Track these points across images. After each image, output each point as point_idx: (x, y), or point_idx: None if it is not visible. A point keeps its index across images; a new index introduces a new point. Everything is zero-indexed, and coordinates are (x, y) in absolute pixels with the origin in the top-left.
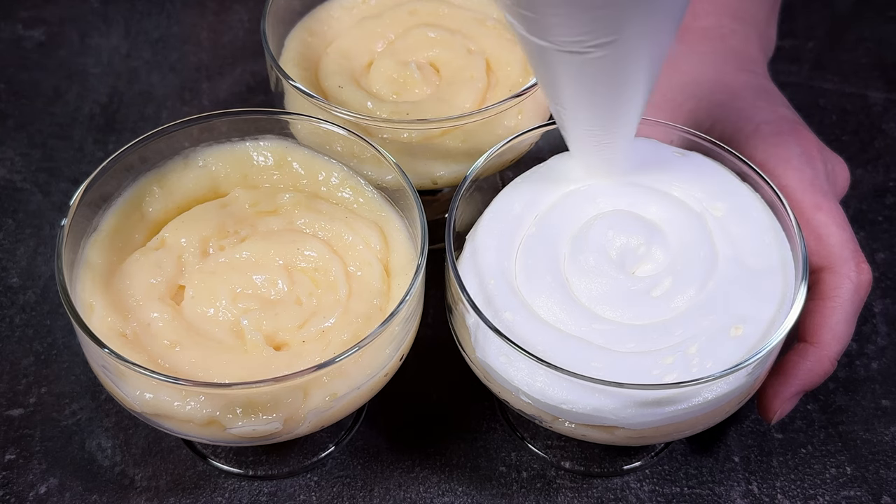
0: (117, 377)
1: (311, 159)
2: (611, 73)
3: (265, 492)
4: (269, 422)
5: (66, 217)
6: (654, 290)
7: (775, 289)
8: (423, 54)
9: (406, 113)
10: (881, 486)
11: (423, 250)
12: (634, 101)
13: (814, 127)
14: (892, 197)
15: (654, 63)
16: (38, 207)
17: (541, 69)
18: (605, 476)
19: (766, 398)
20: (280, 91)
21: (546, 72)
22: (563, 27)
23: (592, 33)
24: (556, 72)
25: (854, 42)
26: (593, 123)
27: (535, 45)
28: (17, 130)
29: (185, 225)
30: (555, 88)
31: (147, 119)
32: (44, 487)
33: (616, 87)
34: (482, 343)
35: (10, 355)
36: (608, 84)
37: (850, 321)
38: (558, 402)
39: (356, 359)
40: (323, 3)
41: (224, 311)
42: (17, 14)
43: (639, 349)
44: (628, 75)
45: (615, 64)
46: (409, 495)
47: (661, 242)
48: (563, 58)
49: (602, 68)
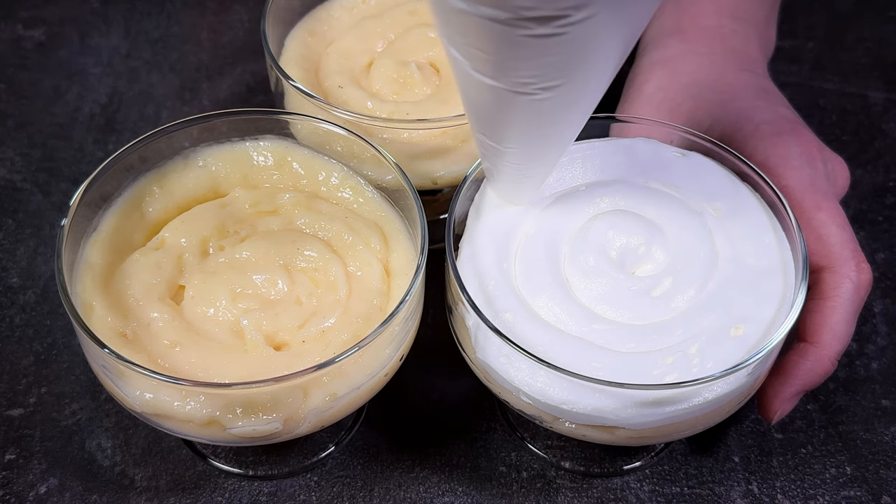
0: (117, 377)
1: (311, 159)
2: (552, 113)
3: (265, 492)
4: (269, 422)
5: (66, 217)
6: (654, 290)
7: (775, 289)
8: (423, 54)
9: (406, 113)
10: (881, 486)
11: (423, 250)
12: (567, 138)
13: (814, 127)
14: (892, 197)
15: (594, 103)
16: (38, 207)
17: (477, 104)
18: (605, 476)
19: (766, 398)
20: (280, 91)
21: (482, 107)
22: (516, 69)
23: (543, 76)
24: (495, 108)
25: (854, 42)
26: (521, 157)
27: (479, 82)
28: (17, 130)
29: (185, 225)
30: (488, 122)
31: (147, 119)
32: (44, 487)
33: (553, 126)
34: (482, 343)
35: (10, 355)
36: (547, 123)
37: (851, 321)
38: (558, 402)
39: (356, 359)
40: (323, 3)
41: (224, 311)
42: (17, 14)
43: (639, 349)
44: (569, 115)
45: (558, 105)
46: (409, 495)
47: (661, 242)
48: (506, 97)
49: (545, 109)
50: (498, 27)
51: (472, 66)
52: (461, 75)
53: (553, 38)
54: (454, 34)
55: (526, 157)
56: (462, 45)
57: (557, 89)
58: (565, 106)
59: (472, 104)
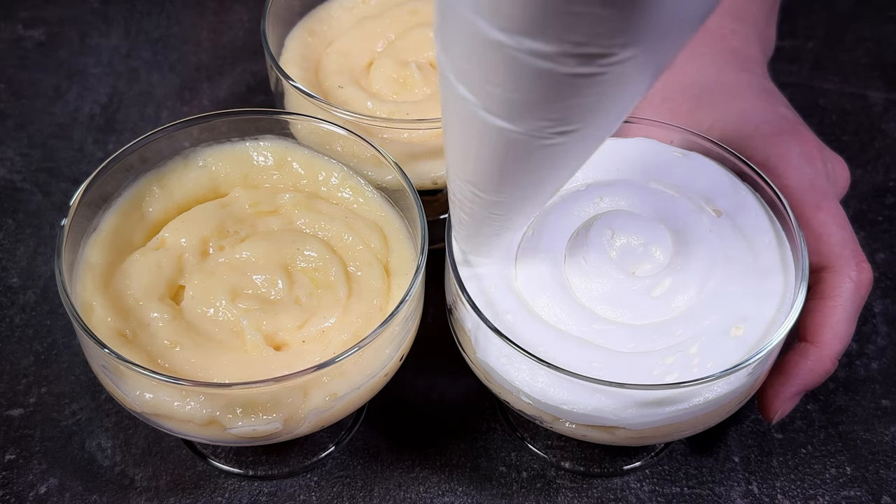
0: (117, 377)
1: (311, 159)
2: (559, 159)
3: (265, 492)
4: (269, 422)
5: (66, 217)
6: (654, 290)
7: (775, 289)
8: (423, 54)
9: (406, 113)
10: (881, 486)
11: (423, 250)
12: (561, 185)
13: (814, 127)
14: (892, 197)
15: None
16: (38, 207)
17: (472, 148)
18: (605, 476)
19: (766, 398)
20: (280, 91)
21: (479, 152)
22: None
23: (564, 119)
24: (497, 154)
25: (854, 42)
26: (508, 208)
27: (485, 124)
28: (17, 130)
29: (185, 225)
30: (481, 169)
31: (147, 119)
32: (44, 487)
33: (556, 172)
34: (483, 344)
35: (10, 355)
36: (550, 169)
37: (851, 320)
38: (559, 402)
39: (356, 359)
40: (323, 3)
41: (224, 311)
42: (17, 14)
43: (639, 349)
44: (575, 161)
45: (569, 150)
46: (409, 495)
47: (661, 242)
48: (515, 141)
49: (554, 154)
50: (535, 63)
51: (484, 105)
52: (462, 116)
53: (590, 78)
54: (474, 69)
55: (515, 207)
56: (479, 82)
57: (574, 133)
58: (576, 151)
59: (464, 149)
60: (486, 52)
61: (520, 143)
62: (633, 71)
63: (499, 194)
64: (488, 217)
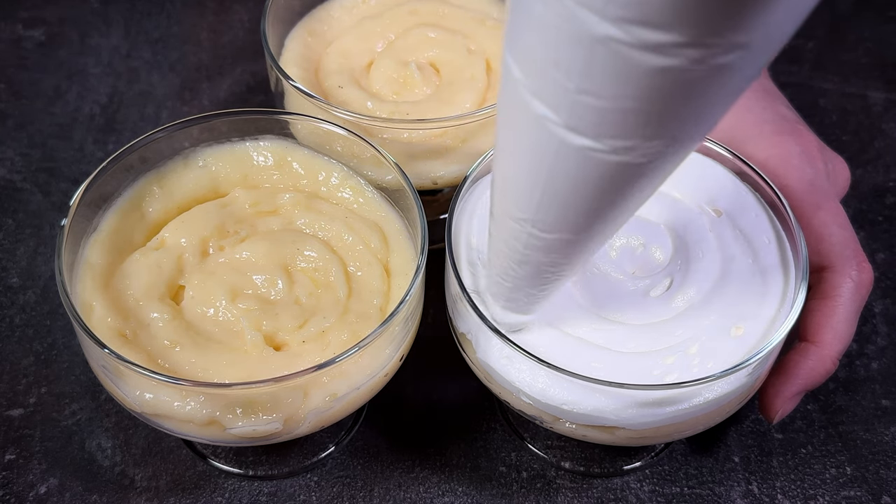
0: (117, 377)
1: (311, 159)
2: (640, 181)
3: (265, 492)
4: (269, 422)
5: (66, 217)
6: (654, 290)
7: (775, 288)
8: (423, 54)
9: (406, 113)
10: (881, 486)
11: (423, 250)
12: (629, 216)
13: (814, 127)
14: (892, 197)
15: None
16: (38, 207)
17: (538, 177)
18: (605, 476)
19: (767, 397)
20: (280, 91)
21: (548, 180)
22: (630, 122)
23: (657, 133)
24: (567, 181)
25: (854, 42)
26: (570, 248)
27: (562, 144)
28: (17, 130)
29: (184, 225)
30: (543, 201)
31: (147, 119)
32: (44, 487)
33: (630, 200)
34: (483, 344)
35: (10, 355)
36: (627, 195)
37: (852, 320)
38: (559, 402)
39: (356, 359)
40: (323, 3)
41: (224, 311)
42: (17, 14)
43: (639, 349)
44: (653, 184)
45: (652, 171)
46: (409, 495)
47: (661, 242)
48: (594, 162)
49: (636, 175)
50: (649, 61)
51: (567, 121)
52: (535, 140)
53: (700, 75)
54: (562, 78)
55: (579, 247)
56: (569, 92)
57: (664, 150)
58: (658, 171)
59: (529, 180)
60: (588, 54)
61: (598, 165)
62: (741, 68)
63: (563, 231)
64: (543, 264)
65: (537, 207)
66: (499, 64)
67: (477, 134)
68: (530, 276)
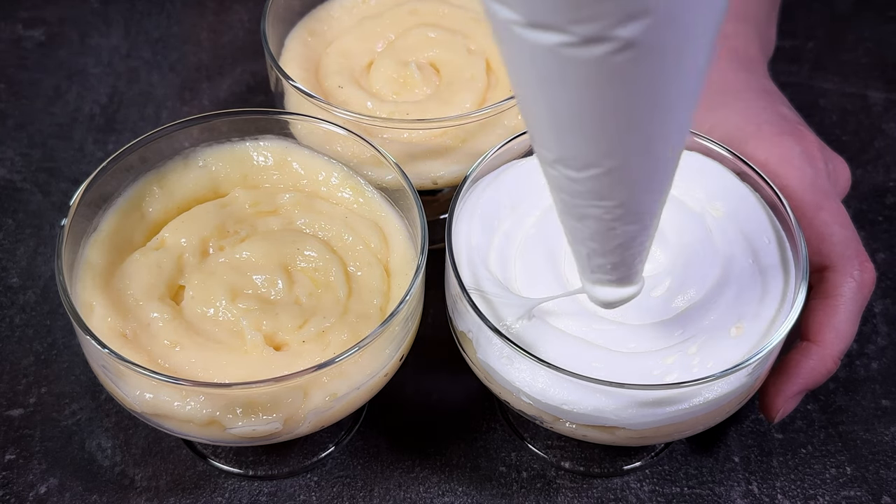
0: (117, 377)
1: (311, 159)
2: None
3: (265, 492)
4: (269, 422)
5: (66, 217)
6: (654, 290)
7: (776, 288)
8: (423, 54)
9: (406, 113)
10: (881, 486)
11: (423, 250)
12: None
13: (814, 127)
14: (892, 197)
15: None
16: (38, 207)
17: (536, 99)
18: (605, 476)
19: (768, 397)
20: (280, 91)
21: (545, 101)
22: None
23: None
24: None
25: (854, 42)
26: (612, 189)
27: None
28: (17, 130)
29: (185, 225)
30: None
31: (147, 119)
32: (44, 487)
33: (636, 113)
34: (483, 344)
35: (10, 355)
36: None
37: (854, 320)
38: (559, 402)
39: (356, 359)
40: (323, 3)
41: (224, 311)
42: (17, 14)
43: (639, 349)
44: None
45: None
46: (409, 495)
47: (661, 242)
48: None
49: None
50: None
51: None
52: (516, 54)
53: None
54: None
55: (620, 188)
56: None
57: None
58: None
59: (532, 108)
60: None
61: (584, 67)
62: None
63: (591, 164)
64: (600, 216)
65: (556, 140)
66: (499, 64)
67: (477, 134)
68: (598, 235)
